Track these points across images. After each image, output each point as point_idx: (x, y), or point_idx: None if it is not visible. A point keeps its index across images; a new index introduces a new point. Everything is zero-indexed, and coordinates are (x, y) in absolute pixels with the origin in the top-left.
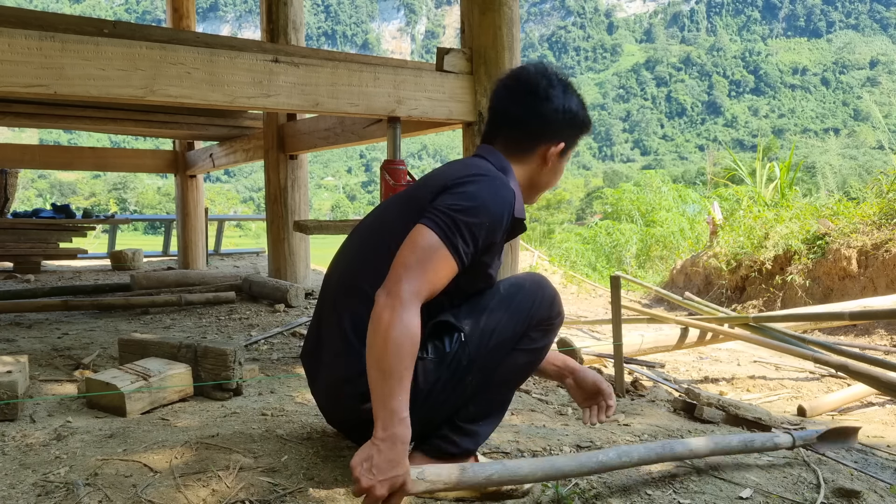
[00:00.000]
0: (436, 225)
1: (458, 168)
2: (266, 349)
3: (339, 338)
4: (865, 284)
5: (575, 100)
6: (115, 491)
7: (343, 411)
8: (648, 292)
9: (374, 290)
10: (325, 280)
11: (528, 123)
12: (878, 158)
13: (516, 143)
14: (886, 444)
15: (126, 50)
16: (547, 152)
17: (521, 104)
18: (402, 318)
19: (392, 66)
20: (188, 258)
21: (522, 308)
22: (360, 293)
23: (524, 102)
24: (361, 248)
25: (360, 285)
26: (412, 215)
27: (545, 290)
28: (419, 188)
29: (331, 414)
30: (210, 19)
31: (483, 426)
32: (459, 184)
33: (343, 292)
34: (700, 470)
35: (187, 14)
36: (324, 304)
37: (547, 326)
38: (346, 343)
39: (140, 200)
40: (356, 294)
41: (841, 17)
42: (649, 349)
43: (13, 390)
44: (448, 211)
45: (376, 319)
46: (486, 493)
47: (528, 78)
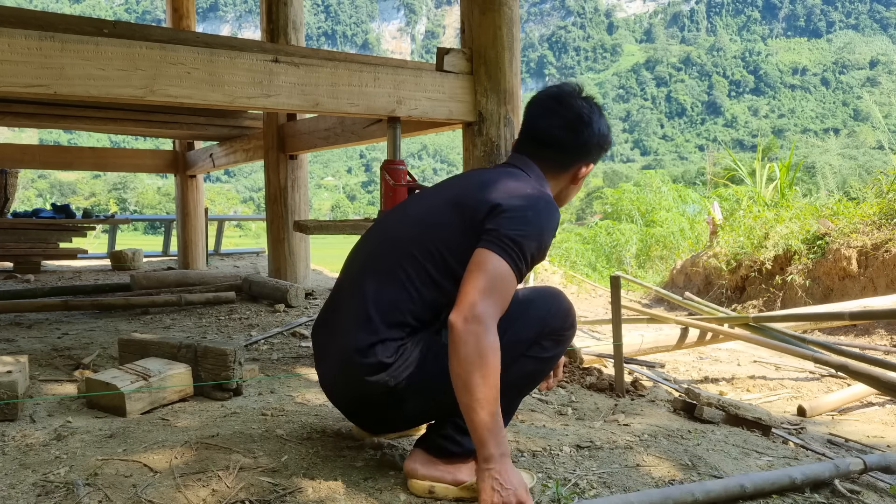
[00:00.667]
0: (506, 254)
1: (511, 186)
2: (266, 349)
3: (360, 310)
4: (865, 284)
5: (605, 123)
6: (115, 491)
7: (350, 383)
8: (648, 292)
9: (411, 280)
10: (355, 253)
11: (571, 147)
12: (878, 158)
13: (556, 162)
14: (886, 444)
15: (126, 50)
16: (579, 171)
17: (567, 130)
18: (492, 343)
19: (392, 66)
20: (188, 258)
21: (537, 315)
22: (392, 274)
23: (571, 129)
24: (404, 235)
25: (396, 269)
26: (468, 225)
27: (561, 301)
28: (467, 191)
29: (337, 388)
30: (210, 19)
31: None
32: (520, 207)
33: (374, 269)
34: (700, 471)
35: (187, 14)
36: (349, 276)
37: (559, 337)
38: (366, 316)
39: (140, 200)
40: (389, 274)
41: (841, 17)
42: (649, 349)
43: (13, 390)
44: (515, 238)
45: (465, 343)
46: None
47: (573, 105)
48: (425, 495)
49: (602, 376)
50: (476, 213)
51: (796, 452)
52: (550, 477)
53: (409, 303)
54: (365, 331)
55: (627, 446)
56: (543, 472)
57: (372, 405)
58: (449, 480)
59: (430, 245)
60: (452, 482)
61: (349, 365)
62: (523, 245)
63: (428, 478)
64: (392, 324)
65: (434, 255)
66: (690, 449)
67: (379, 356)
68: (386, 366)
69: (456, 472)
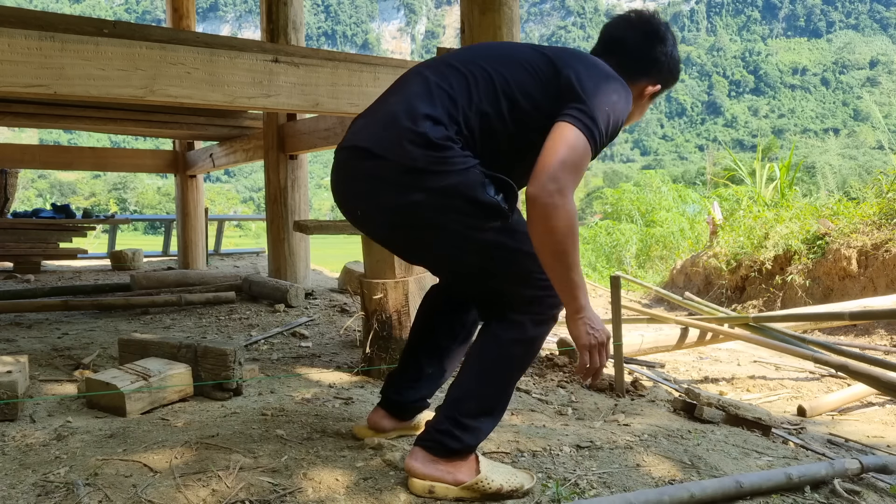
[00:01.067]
0: (586, 129)
1: (596, 69)
2: (266, 349)
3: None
4: (865, 284)
5: (678, 54)
6: (115, 491)
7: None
8: (648, 292)
9: (478, 89)
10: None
11: (641, 57)
12: (878, 158)
13: (624, 69)
14: (886, 444)
15: (126, 50)
16: (645, 89)
17: (639, 37)
18: (574, 211)
19: (392, 66)
20: (188, 258)
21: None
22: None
23: (643, 37)
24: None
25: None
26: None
27: None
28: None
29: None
30: (210, 19)
31: (485, 422)
32: (602, 87)
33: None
34: (700, 470)
35: (187, 14)
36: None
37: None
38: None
39: (140, 200)
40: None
41: (841, 17)
42: (649, 349)
43: (13, 390)
44: (594, 116)
45: (549, 219)
46: (486, 493)
47: (650, 18)
48: (425, 495)
49: (602, 376)
50: (559, 80)
51: (796, 452)
52: (550, 477)
53: (467, 107)
54: (424, 102)
55: (627, 446)
56: (543, 472)
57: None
58: (449, 480)
59: (507, 74)
60: (452, 482)
61: (393, 123)
62: (600, 123)
63: (428, 477)
64: (449, 113)
65: (508, 83)
66: (690, 449)
67: (428, 131)
68: (431, 144)
69: (456, 471)
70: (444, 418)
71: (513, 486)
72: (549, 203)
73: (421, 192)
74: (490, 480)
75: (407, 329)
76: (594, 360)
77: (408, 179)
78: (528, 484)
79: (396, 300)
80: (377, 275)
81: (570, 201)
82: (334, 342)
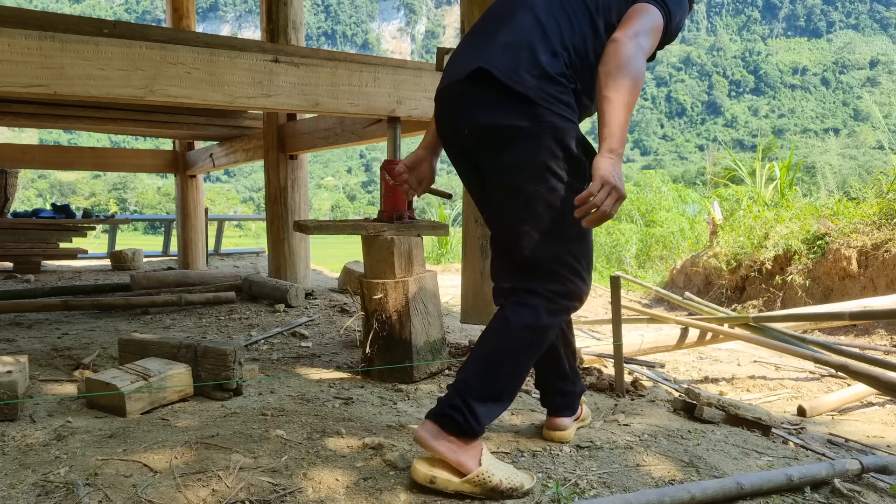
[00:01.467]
0: (662, 8)
1: None
2: (266, 349)
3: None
4: (865, 284)
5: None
6: (115, 491)
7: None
8: (648, 292)
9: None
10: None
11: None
12: (878, 158)
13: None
14: (886, 444)
15: (126, 50)
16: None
17: None
18: (643, 63)
19: (392, 66)
20: (188, 258)
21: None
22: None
23: None
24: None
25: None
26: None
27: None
28: None
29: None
30: (210, 19)
31: (492, 407)
32: None
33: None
34: (700, 470)
35: (187, 14)
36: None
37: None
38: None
39: (140, 200)
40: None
41: (841, 17)
42: (649, 349)
43: (13, 390)
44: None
45: (629, 57)
46: (486, 489)
47: None
48: (426, 484)
49: (602, 376)
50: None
51: (796, 452)
52: (550, 477)
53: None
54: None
55: (627, 446)
56: (543, 472)
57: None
58: (452, 459)
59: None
60: (455, 462)
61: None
62: (672, 8)
63: (435, 450)
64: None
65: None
66: (690, 449)
67: (545, 63)
68: (547, 76)
69: (460, 451)
70: (455, 395)
71: (513, 484)
72: (631, 45)
73: (525, 120)
74: (490, 475)
75: (407, 329)
76: (605, 198)
77: (516, 105)
78: (529, 484)
79: (396, 300)
80: (377, 275)
81: (644, 55)
82: (334, 342)
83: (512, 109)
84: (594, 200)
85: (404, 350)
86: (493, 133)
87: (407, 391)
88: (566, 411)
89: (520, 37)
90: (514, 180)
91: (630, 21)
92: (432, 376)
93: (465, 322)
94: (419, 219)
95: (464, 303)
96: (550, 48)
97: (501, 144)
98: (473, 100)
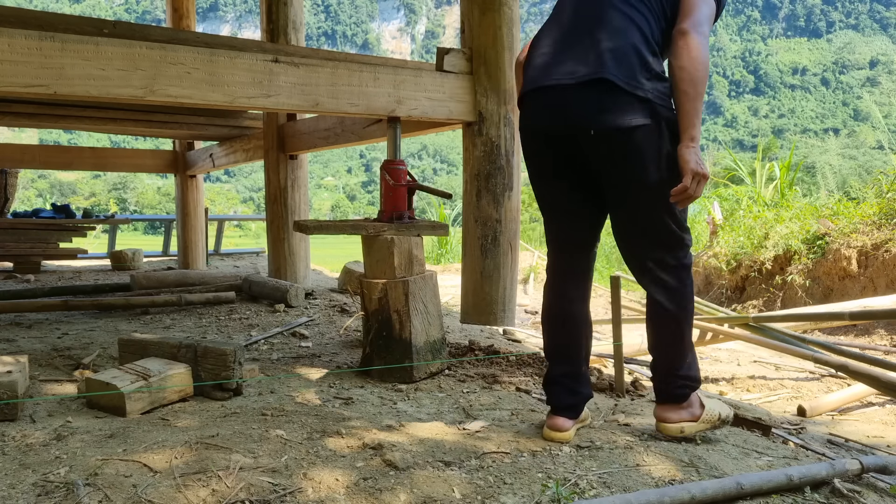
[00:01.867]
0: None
1: None
2: (266, 349)
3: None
4: (865, 284)
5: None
6: (115, 491)
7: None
8: None
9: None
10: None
11: None
12: (878, 158)
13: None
14: (886, 444)
15: (126, 50)
16: None
17: None
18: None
19: (392, 66)
20: (188, 258)
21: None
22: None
23: None
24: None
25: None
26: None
27: None
28: None
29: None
30: (210, 19)
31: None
32: None
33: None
34: (700, 470)
35: (187, 14)
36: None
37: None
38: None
39: (140, 200)
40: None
41: (841, 17)
42: None
43: (13, 390)
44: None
45: (700, 49)
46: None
47: None
48: (679, 434)
49: (602, 376)
50: None
51: (796, 452)
52: (550, 477)
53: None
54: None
55: (627, 446)
56: (543, 471)
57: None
58: (690, 418)
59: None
60: (691, 418)
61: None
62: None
63: (679, 420)
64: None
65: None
66: (690, 449)
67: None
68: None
69: (692, 409)
70: (666, 376)
71: (726, 413)
72: (699, 36)
73: (648, 118)
74: (713, 411)
75: (407, 329)
76: (696, 187)
77: (639, 106)
78: (728, 412)
79: (396, 300)
80: (377, 275)
81: (708, 42)
82: (334, 342)
83: (636, 110)
84: (689, 192)
85: (404, 350)
86: (622, 133)
87: (407, 391)
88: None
89: (624, 41)
90: (646, 172)
91: (690, 9)
92: (432, 376)
93: (465, 322)
94: (419, 219)
95: (464, 303)
96: (651, 49)
97: (629, 142)
98: (598, 103)
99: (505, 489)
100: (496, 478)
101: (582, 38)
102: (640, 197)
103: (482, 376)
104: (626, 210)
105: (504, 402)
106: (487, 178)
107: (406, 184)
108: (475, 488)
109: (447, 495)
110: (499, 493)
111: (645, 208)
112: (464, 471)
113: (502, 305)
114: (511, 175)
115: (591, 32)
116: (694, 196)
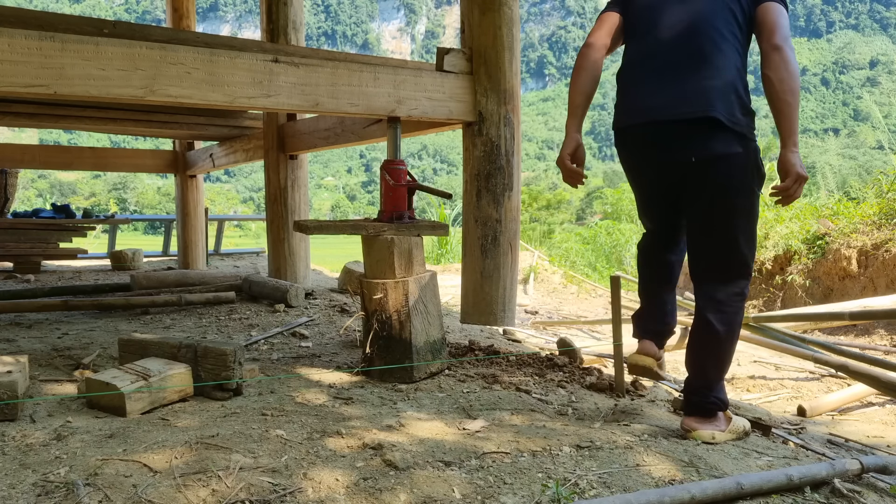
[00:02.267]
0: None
1: None
2: (266, 349)
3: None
4: (865, 284)
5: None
6: (115, 491)
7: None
8: None
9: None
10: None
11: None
12: (878, 158)
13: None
14: (886, 444)
15: (126, 50)
16: None
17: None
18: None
19: (392, 66)
20: (188, 258)
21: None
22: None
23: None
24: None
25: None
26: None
27: None
28: None
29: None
30: (210, 19)
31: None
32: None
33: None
34: (700, 470)
35: (187, 14)
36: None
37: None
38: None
39: (140, 200)
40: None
41: (841, 17)
42: None
43: (13, 390)
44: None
45: (793, 61)
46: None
47: None
48: (710, 441)
49: (602, 376)
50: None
51: (796, 452)
52: (550, 477)
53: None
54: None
55: (627, 446)
56: (543, 471)
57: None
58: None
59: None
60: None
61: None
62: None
63: (709, 429)
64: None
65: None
66: (690, 449)
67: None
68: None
69: (721, 422)
70: (701, 392)
71: (747, 428)
72: (790, 50)
73: (741, 147)
74: (738, 424)
75: (407, 329)
76: (798, 189)
77: (736, 138)
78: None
79: (396, 300)
80: (377, 275)
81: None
82: (334, 342)
83: (732, 141)
84: (790, 192)
85: (404, 350)
86: (719, 160)
87: (407, 391)
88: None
89: (726, 79)
90: (731, 197)
91: (776, 24)
92: (432, 376)
93: (465, 322)
94: (419, 219)
95: (464, 303)
96: (743, 83)
97: (721, 169)
98: (704, 139)
99: (505, 489)
100: (496, 478)
101: (686, 73)
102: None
103: (482, 376)
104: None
105: (504, 402)
106: (487, 178)
107: (406, 184)
108: (475, 488)
109: (447, 495)
110: (499, 493)
111: (722, 230)
112: (464, 471)
113: (502, 305)
114: (511, 175)
115: (696, 69)
116: (794, 196)
